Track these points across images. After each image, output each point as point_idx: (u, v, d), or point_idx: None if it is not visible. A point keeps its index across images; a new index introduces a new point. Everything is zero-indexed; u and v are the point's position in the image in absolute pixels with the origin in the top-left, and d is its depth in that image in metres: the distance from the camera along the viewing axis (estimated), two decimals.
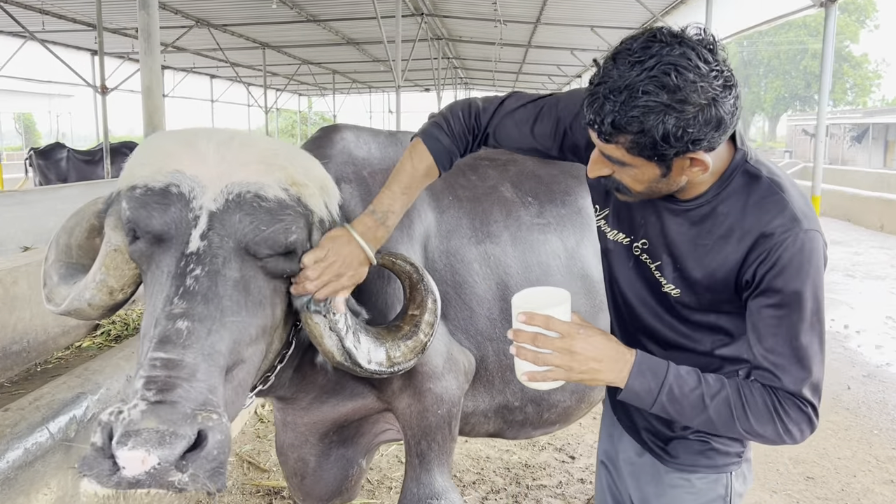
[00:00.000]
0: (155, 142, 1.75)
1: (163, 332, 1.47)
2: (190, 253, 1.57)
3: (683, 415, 1.55)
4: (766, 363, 1.54)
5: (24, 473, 2.49)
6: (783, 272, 1.50)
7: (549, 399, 2.77)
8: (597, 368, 1.56)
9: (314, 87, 37.58)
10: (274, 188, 1.68)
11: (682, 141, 1.38)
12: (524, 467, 4.34)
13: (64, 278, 1.90)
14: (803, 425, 1.52)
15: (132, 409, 1.33)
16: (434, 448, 2.42)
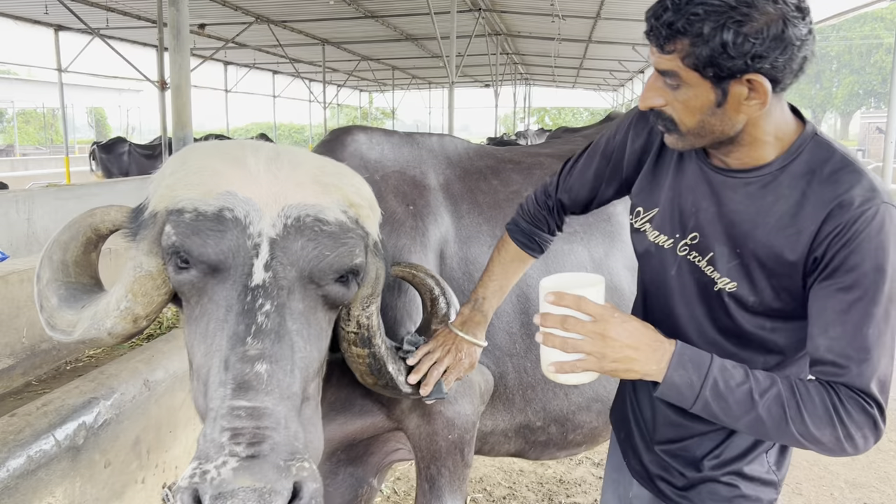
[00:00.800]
0: (196, 157, 1.58)
1: (240, 376, 1.33)
2: (255, 286, 1.42)
3: (730, 413, 1.36)
4: (830, 355, 1.34)
5: (25, 482, 2.43)
6: (860, 248, 1.31)
7: (574, 419, 2.59)
8: (632, 357, 1.40)
9: (374, 83, 37.80)
10: (334, 210, 1.54)
11: (743, 53, 1.28)
12: (558, 482, 4.15)
13: (65, 300, 1.74)
14: (867, 430, 1.31)
15: (222, 468, 1.20)
16: (444, 473, 2.28)
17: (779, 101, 1.43)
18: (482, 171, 2.60)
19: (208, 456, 1.23)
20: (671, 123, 1.46)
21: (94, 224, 1.79)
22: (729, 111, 1.38)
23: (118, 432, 2.94)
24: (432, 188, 2.43)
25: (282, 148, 1.63)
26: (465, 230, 2.41)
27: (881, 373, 1.32)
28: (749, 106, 1.36)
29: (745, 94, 1.35)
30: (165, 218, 1.50)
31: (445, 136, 2.70)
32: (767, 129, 1.43)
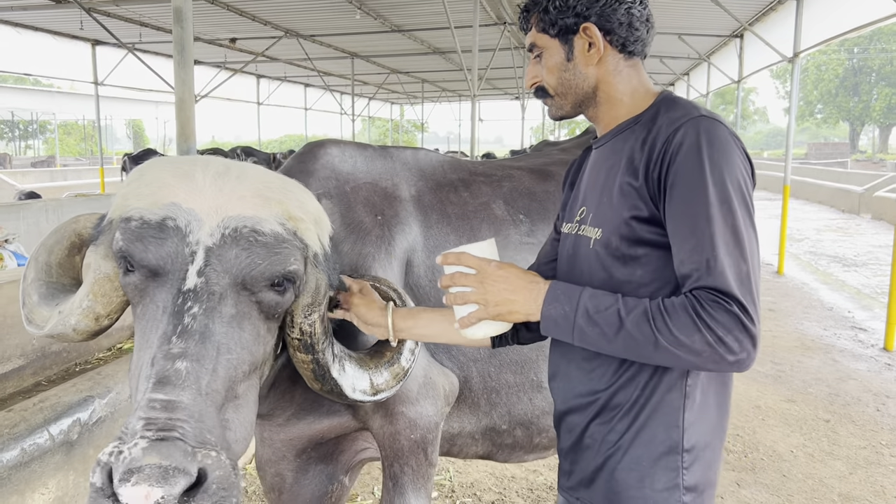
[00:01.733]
0: (151, 171, 1.70)
1: (161, 372, 1.44)
2: (187, 290, 1.54)
3: (604, 336, 1.43)
4: (686, 267, 1.41)
5: (18, 473, 2.58)
6: (679, 162, 1.43)
7: (539, 423, 2.68)
8: (512, 299, 1.53)
9: (404, 95, 38.09)
10: (271, 222, 1.65)
11: (570, 8, 1.62)
12: (548, 489, 4.23)
13: (44, 298, 1.90)
14: (736, 332, 1.33)
15: (133, 448, 1.31)
16: (407, 472, 2.38)
17: (633, 67, 1.67)
18: (454, 183, 2.70)
19: (123, 438, 1.35)
20: (544, 92, 1.72)
21: (77, 230, 1.95)
22: (578, 64, 1.65)
23: (113, 429, 3.09)
24: (403, 199, 2.55)
25: (233, 164, 1.75)
26: (433, 239, 2.52)
27: (737, 272, 1.36)
28: (591, 56, 1.63)
29: (585, 46, 1.63)
30: (117, 224, 1.63)
31: (421, 149, 2.82)
32: (620, 87, 1.66)
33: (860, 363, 7.08)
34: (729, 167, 1.42)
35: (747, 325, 1.33)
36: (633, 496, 1.55)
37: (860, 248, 14.95)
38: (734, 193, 1.41)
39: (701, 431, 1.55)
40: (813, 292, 10.47)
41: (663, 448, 1.53)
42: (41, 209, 9.44)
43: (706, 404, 1.55)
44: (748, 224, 1.42)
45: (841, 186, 23.93)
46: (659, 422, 1.53)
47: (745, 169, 1.46)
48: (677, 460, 1.52)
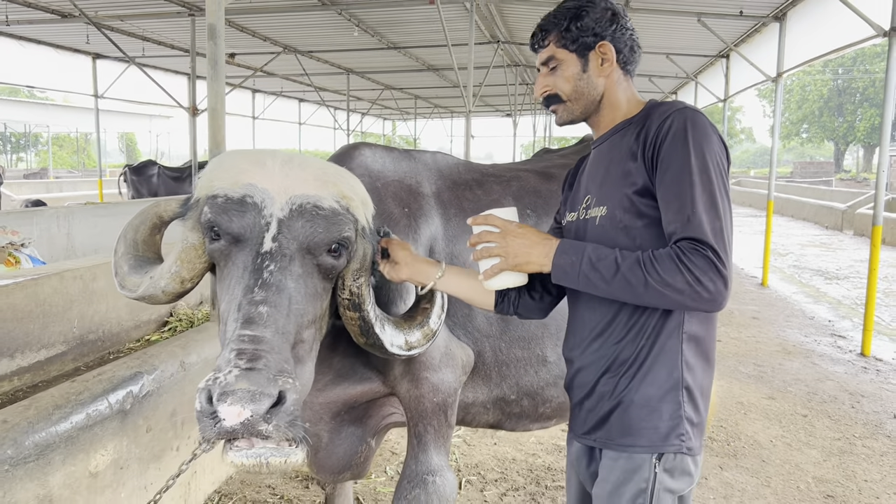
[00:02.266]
0: (229, 159, 2.09)
1: (247, 314, 1.79)
2: (265, 252, 1.90)
3: (604, 279, 1.74)
4: (672, 226, 1.73)
5: (84, 434, 2.92)
6: (670, 143, 1.77)
7: (544, 394, 3.04)
8: (528, 251, 1.87)
9: (397, 111, 38.54)
10: (328, 200, 2.03)
11: (590, 30, 1.97)
12: (546, 470, 4.58)
13: (133, 268, 2.25)
14: (711, 273, 1.63)
15: (227, 375, 1.64)
16: (430, 431, 2.73)
17: (628, 82, 2.05)
18: (468, 182, 3.08)
19: (220, 368, 1.69)
20: (556, 99, 2.05)
21: (159, 212, 2.32)
22: (592, 75, 2.00)
23: (158, 403, 3.43)
24: (426, 195, 2.92)
25: (295, 155, 2.14)
26: (451, 230, 2.89)
27: (712, 226, 1.68)
28: (603, 68, 1.99)
29: (599, 61, 1.99)
30: (204, 202, 2.01)
31: (438, 152, 3.20)
32: (620, 96, 2.02)
33: (838, 366, 7.47)
34: (709, 146, 1.76)
35: (720, 268, 1.65)
36: (645, 427, 1.87)
37: (842, 262, 15.41)
38: (712, 167, 1.75)
39: (695, 372, 1.88)
40: (795, 303, 10.88)
41: (668, 386, 1.86)
42: (52, 216, 9.76)
43: (698, 351, 1.89)
44: (722, 191, 1.75)
45: (825, 204, 24.47)
46: (662, 365, 1.86)
47: (721, 150, 1.81)
48: (679, 395, 1.85)
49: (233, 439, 1.68)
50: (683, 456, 1.86)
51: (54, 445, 2.76)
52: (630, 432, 1.89)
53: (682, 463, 1.86)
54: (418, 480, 2.69)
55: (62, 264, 4.60)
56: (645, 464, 1.85)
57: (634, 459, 1.87)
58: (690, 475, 1.89)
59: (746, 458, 4.98)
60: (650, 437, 1.86)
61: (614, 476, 1.90)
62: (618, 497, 1.88)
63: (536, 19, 2.10)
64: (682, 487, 1.88)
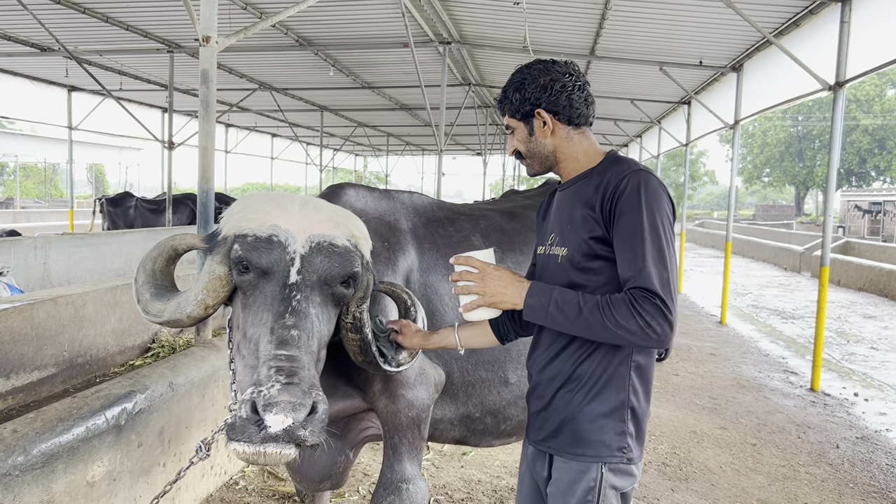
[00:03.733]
0: (253, 203, 2.39)
1: (280, 336, 2.09)
2: (292, 283, 2.21)
3: (568, 319, 2.04)
4: (625, 274, 2.02)
5: (84, 446, 3.16)
6: (624, 201, 2.05)
7: (505, 412, 3.35)
8: (503, 292, 2.18)
9: (369, 148, 39.03)
10: (341, 239, 2.35)
11: (527, 100, 2.27)
12: (510, 491, 4.87)
13: (155, 296, 2.50)
14: (659, 318, 1.92)
15: (270, 388, 1.95)
16: (405, 443, 3.02)
17: (581, 134, 2.31)
18: (441, 220, 3.43)
19: (261, 382, 2.00)
20: (521, 156, 2.38)
21: (174, 245, 2.58)
22: (538, 137, 2.30)
23: (149, 421, 3.68)
24: (403, 231, 3.25)
25: (309, 198, 2.48)
26: (426, 263, 3.22)
27: (660, 277, 1.96)
28: (545, 131, 2.28)
29: (541, 124, 2.28)
30: (233, 240, 2.31)
31: (415, 193, 3.54)
32: (573, 149, 2.30)
33: (788, 400, 7.87)
34: (658, 206, 2.05)
35: (666, 314, 1.95)
36: (593, 439, 2.17)
37: (798, 302, 15.98)
38: (661, 225, 2.04)
39: (639, 395, 2.20)
40: (751, 340, 11.33)
41: (615, 404, 2.16)
42: (30, 245, 9.91)
43: (642, 378, 2.21)
44: (670, 246, 2.04)
45: (783, 246, 25.22)
46: (612, 386, 2.16)
47: (670, 209, 2.09)
48: (625, 413, 2.17)
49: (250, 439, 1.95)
50: (626, 466, 2.16)
51: (58, 455, 3.00)
52: (580, 444, 2.18)
53: (625, 468, 2.17)
54: (393, 488, 2.96)
55: (55, 290, 4.82)
56: (593, 467, 2.16)
57: (582, 479, 2.16)
58: (633, 476, 2.20)
59: (697, 482, 5.31)
60: (597, 449, 2.16)
61: (567, 477, 2.20)
62: (570, 494, 2.18)
63: (506, 65, 2.54)
64: (625, 486, 2.18)
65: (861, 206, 42.65)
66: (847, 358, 10.24)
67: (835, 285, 18.71)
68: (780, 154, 59.65)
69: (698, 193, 77.33)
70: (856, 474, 5.71)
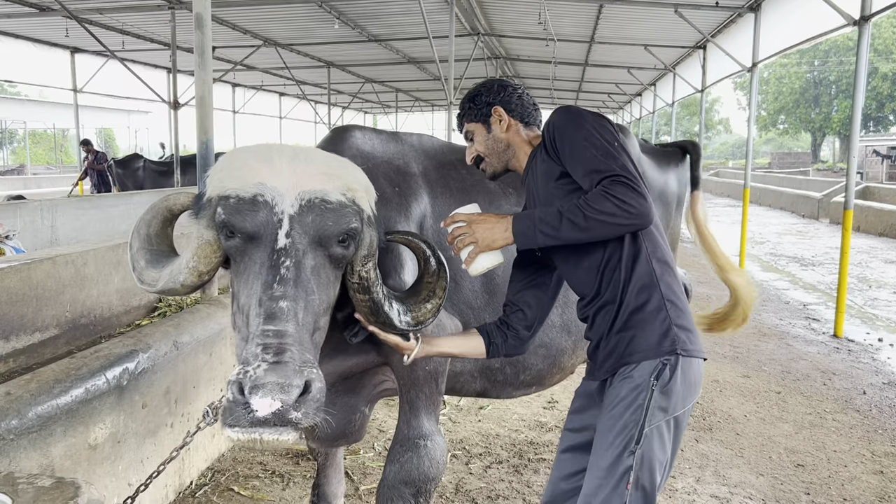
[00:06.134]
0: (238, 158, 2.13)
1: (268, 309, 1.88)
2: (280, 248, 1.98)
3: (553, 227, 2.10)
4: (587, 183, 2.13)
5: (83, 408, 3.03)
6: (559, 131, 2.23)
7: (524, 362, 3.19)
8: (492, 232, 2.24)
9: (378, 105, 38.58)
10: (335, 193, 2.11)
11: (484, 102, 2.50)
12: (529, 444, 4.74)
13: (150, 263, 2.32)
14: (630, 193, 2.02)
15: (256, 369, 1.76)
16: (422, 398, 2.86)
17: (532, 133, 2.52)
18: (453, 163, 3.22)
19: (248, 361, 1.81)
20: (480, 159, 2.56)
21: (169, 206, 2.37)
22: (495, 133, 2.51)
23: (153, 381, 3.54)
24: (414, 175, 3.05)
25: (299, 149, 2.24)
26: (438, 208, 3.02)
27: (616, 164, 2.07)
28: (502, 126, 2.49)
29: (497, 120, 2.50)
30: (217, 202, 2.10)
31: (424, 135, 3.32)
32: (524, 139, 2.50)
33: (811, 347, 7.69)
34: (584, 120, 2.20)
35: (635, 187, 2.04)
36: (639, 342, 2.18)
37: (818, 249, 15.72)
38: (593, 131, 2.16)
39: (669, 285, 2.24)
40: (771, 288, 11.13)
41: (656, 304, 2.20)
42: (36, 209, 9.78)
43: (664, 268, 2.25)
44: (612, 143, 2.14)
45: (801, 193, 24.84)
46: (644, 289, 2.21)
47: (597, 119, 2.22)
48: (663, 308, 2.20)
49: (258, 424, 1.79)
50: (679, 358, 2.14)
51: (55, 417, 2.86)
52: (631, 350, 2.20)
53: (677, 376, 2.13)
54: (410, 444, 2.81)
55: (54, 249, 4.68)
56: (643, 384, 2.14)
57: (634, 379, 2.16)
58: (693, 386, 2.19)
59: (721, 432, 5.16)
60: (646, 350, 2.17)
61: (619, 394, 2.19)
62: (618, 416, 2.16)
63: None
64: (675, 406, 2.15)
65: (879, 151, 41.85)
66: (870, 304, 10.01)
67: (854, 231, 18.32)
68: (796, 101, 58.57)
69: (712, 143, 76.37)
70: (884, 420, 5.54)
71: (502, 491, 4.11)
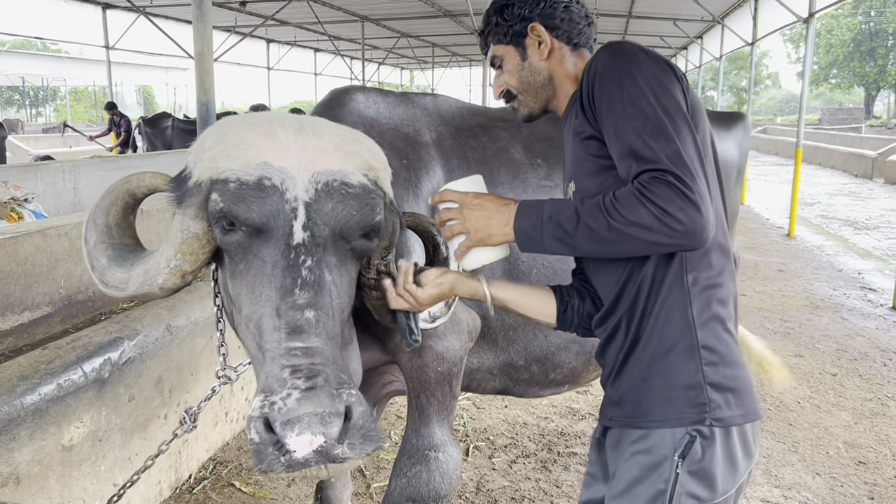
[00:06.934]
0: (232, 132, 1.72)
1: (292, 321, 1.54)
2: (297, 244, 1.62)
3: (566, 233, 1.54)
4: (623, 169, 1.53)
5: (55, 406, 2.70)
6: (600, 81, 1.59)
7: (554, 359, 2.79)
8: (487, 224, 1.69)
9: (414, 60, 37.88)
10: (357, 175, 1.72)
11: (517, 17, 1.85)
12: (559, 435, 4.35)
13: (112, 259, 1.91)
14: (678, 200, 1.41)
15: (287, 399, 1.41)
16: (433, 403, 2.48)
17: (580, 57, 1.88)
18: (473, 128, 2.78)
19: (273, 389, 1.44)
20: (511, 96, 1.93)
21: (130, 189, 1.93)
22: (532, 62, 1.87)
23: (142, 370, 3.21)
24: (425, 144, 2.62)
25: (304, 119, 1.81)
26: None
27: (666, 151, 1.45)
28: (542, 51, 1.85)
29: (536, 44, 1.85)
30: (210, 187, 1.68)
31: (440, 95, 2.88)
32: (571, 73, 1.86)
33: (868, 321, 7.14)
34: (638, 70, 1.54)
35: (686, 193, 1.41)
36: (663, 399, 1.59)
37: (872, 211, 14.93)
38: (648, 91, 1.51)
39: (712, 325, 1.60)
40: (823, 254, 10.51)
41: (685, 350, 1.59)
42: (57, 170, 9.53)
43: (708, 300, 1.60)
44: (670, 112, 1.50)
45: (854, 151, 23.78)
46: (670, 325, 1.60)
47: (657, 69, 1.56)
48: (696, 357, 1.58)
49: None
50: (715, 430, 1.56)
51: (19, 420, 2.54)
52: (644, 410, 1.62)
53: (713, 453, 1.56)
54: (419, 456, 2.46)
55: (46, 221, 4.37)
56: (664, 462, 1.58)
57: (651, 453, 1.60)
58: (739, 461, 1.59)
59: (772, 422, 4.71)
60: (664, 413, 1.59)
61: (631, 473, 1.63)
62: (631, 497, 1.62)
63: None
64: (715, 490, 1.58)
65: None
66: None
67: None
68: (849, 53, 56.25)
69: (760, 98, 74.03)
70: None
71: (528, 491, 3.73)
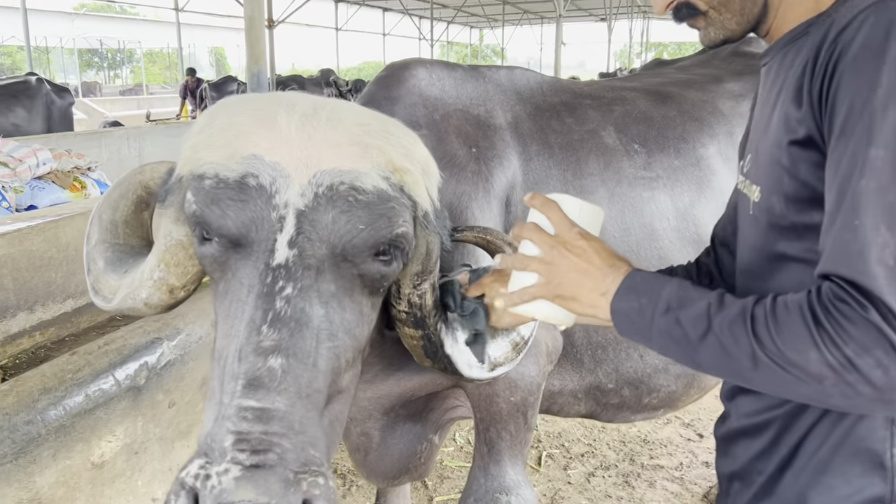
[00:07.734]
0: (223, 114, 1.39)
1: (251, 371, 1.18)
2: (277, 265, 1.26)
3: (687, 340, 1.06)
4: (822, 241, 0.99)
5: (82, 421, 2.43)
6: (853, 68, 0.96)
7: (650, 382, 2.39)
8: (579, 281, 1.20)
9: (483, 18, 37.13)
10: (372, 177, 1.33)
11: None
12: (642, 442, 3.93)
13: (111, 263, 1.63)
14: (877, 351, 0.89)
15: (223, 476, 1.07)
16: (505, 437, 2.12)
17: None
18: (556, 107, 2.35)
19: (211, 458, 1.10)
20: (691, 10, 1.25)
21: (144, 181, 1.63)
22: None
23: (183, 373, 2.93)
24: (499, 128, 2.22)
25: (323, 102, 1.40)
26: (533, 174, 2.19)
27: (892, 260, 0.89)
28: None
29: None
30: (188, 183, 1.34)
31: (517, 68, 2.46)
32: None
33: None
34: None
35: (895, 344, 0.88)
36: None
37: None
38: None
39: None
40: None
41: (861, 499, 1.11)
42: (122, 136, 9.42)
43: None
44: None
45: None
46: (853, 461, 1.11)
47: None
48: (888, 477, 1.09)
49: None
50: None
51: (40, 439, 2.27)
52: None
53: None
54: (488, 499, 2.11)
55: (85, 203, 4.13)
56: None
57: None
58: None
59: None
60: None
61: None
62: None
63: None
64: None
65: None
66: None
67: None
68: None
69: None
70: None
71: None
